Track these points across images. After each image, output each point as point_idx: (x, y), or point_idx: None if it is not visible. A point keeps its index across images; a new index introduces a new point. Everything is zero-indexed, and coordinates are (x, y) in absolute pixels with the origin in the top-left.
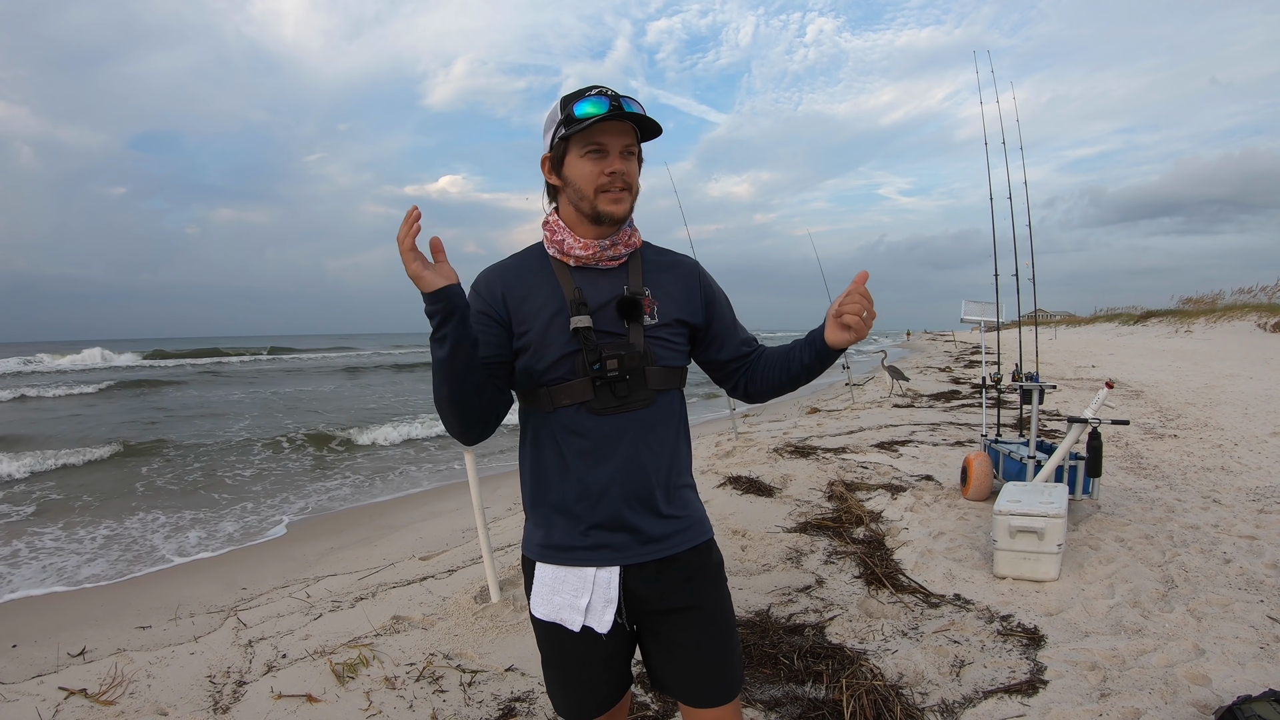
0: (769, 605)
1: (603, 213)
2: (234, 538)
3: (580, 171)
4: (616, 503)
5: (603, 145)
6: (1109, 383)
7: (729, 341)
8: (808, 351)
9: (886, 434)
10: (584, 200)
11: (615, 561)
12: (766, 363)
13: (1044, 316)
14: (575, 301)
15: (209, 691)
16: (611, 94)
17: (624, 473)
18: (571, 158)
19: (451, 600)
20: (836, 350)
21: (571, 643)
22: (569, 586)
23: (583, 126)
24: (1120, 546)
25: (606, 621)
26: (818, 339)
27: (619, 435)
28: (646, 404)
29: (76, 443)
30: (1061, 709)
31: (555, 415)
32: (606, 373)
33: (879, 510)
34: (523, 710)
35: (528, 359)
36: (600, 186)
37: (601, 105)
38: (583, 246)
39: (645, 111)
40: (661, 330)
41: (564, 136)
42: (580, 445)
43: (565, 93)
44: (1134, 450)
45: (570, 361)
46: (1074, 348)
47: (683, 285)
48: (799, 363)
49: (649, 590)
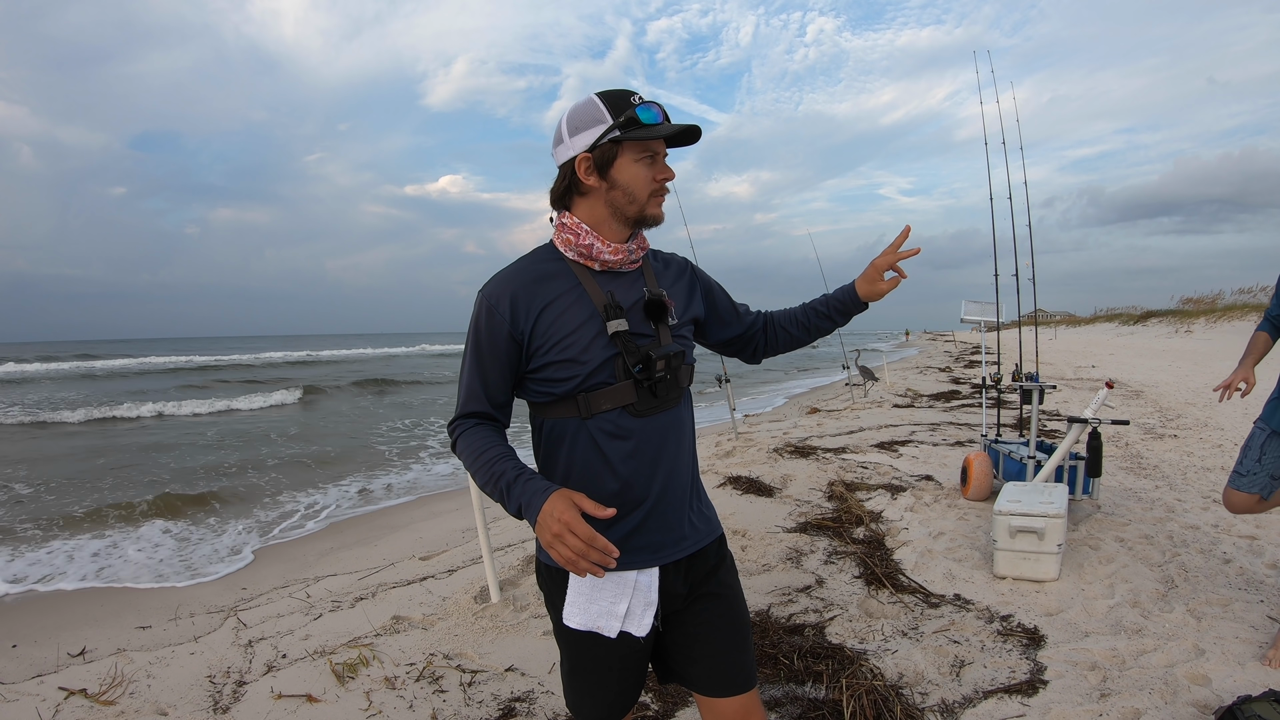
0: (769, 605)
1: (649, 215)
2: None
3: (634, 174)
4: (661, 502)
5: (656, 151)
6: (1109, 383)
7: (735, 319)
8: (839, 316)
9: (886, 434)
10: (633, 203)
11: (654, 562)
12: (785, 326)
13: (1044, 316)
14: (610, 305)
15: (209, 691)
16: (656, 104)
17: (666, 471)
18: (625, 160)
19: (451, 600)
20: (867, 303)
21: (604, 649)
22: (607, 593)
23: (649, 135)
24: (1120, 546)
25: (646, 625)
26: (850, 299)
27: (659, 435)
28: (677, 402)
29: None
30: (1061, 709)
31: (594, 420)
32: (654, 374)
33: (879, 510)
34: (523, 710)
35: (562, 369)
36: (654, 191)
37: (655, 115)
38: (612, 250)
39: (699, 128)
40: (682, 329)
41: (618, 139)
42: (625, 448)
43: (566, 96)
44: (1134, 450)
45: (610, 366)
46: (1074, 348)
47: (684, 283)
48: (828, 326)
49: (681, 586)
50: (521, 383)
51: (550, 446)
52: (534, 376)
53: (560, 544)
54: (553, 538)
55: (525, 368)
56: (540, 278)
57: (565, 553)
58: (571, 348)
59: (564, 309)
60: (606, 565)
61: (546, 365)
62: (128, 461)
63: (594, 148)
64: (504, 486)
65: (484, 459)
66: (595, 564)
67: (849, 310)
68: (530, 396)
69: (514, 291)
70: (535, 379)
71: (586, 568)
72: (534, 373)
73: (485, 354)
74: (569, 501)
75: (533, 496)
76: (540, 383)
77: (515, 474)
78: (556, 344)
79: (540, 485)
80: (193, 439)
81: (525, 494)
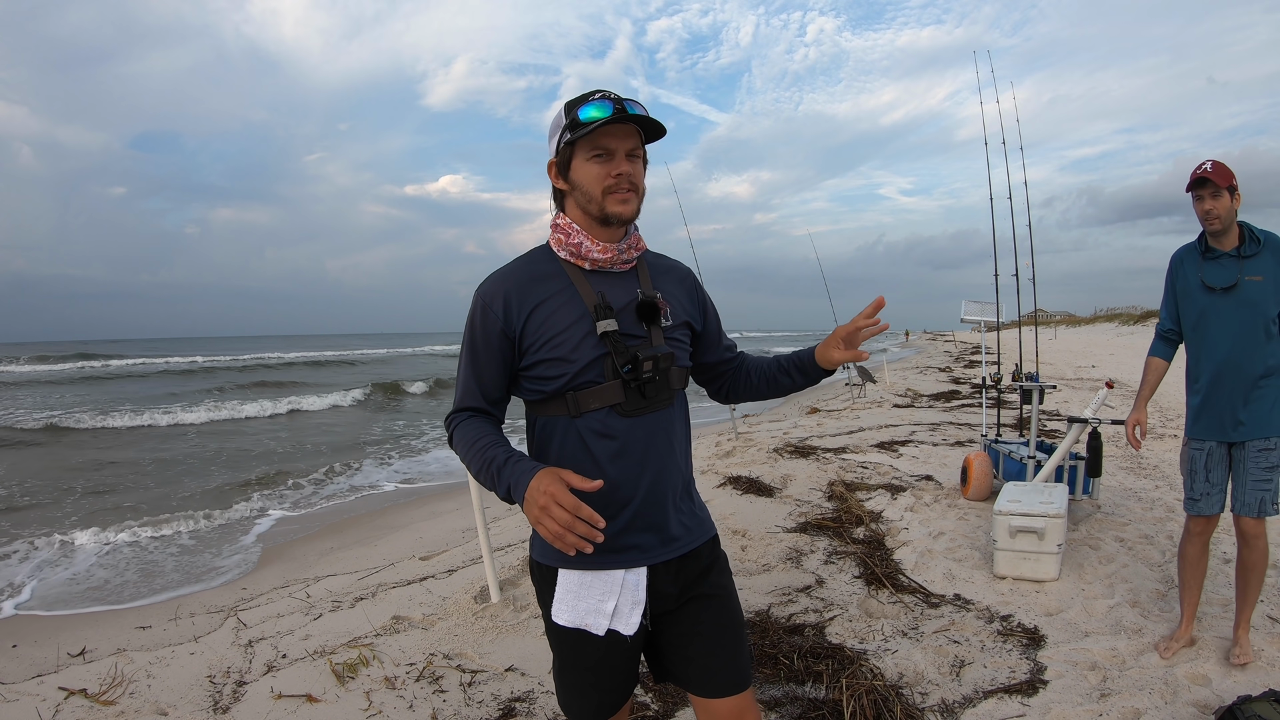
0: (769, 605)
1: (610, 214)
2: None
3: (587, 174)
4: (648, 503)
5: (608, 149)
6: (1109, 383)
7: (715, 346)
8: (798, 375)
9: (886, 434)
10: (592, 202)
11: (643, 562)
12: (750, 373)
13: (1044, 316)
14: (600, 306)
15: (209, 691)
16: (615, 97)
17: (653, 472)
18: (578, 161)
19: (451, 600)
20: (829, 370)
21: (593, 647)
22: (595, 591)
23: (587, 131)
24: (1120, 546)
25: (634, 623)
26: (808, 361)
27: (647, 436)
28: (668, 404)
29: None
30: (1061, 709)
31: (582, 419)
32: (641, 375)
33: (879, 510)
34: (523, 710)
35: (552, 367)
36: (607, 188)
37: (605, 109)
38: (601, 250)
39: (648, 113)
40: (675, 332)
41: (569, 141)
42: (611, 447)
43: (566, 96)
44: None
45: (599, 365)
46: (1074, 348)
47: (684, 289)
48: (787, 383)
49: (671, 587)
50: (516, 380)
51: (541, 444)
52: (526, 374)
53: (546, 516)
54: (539, 511)
55: (518, 365)
56: (534, 277)
57: (552, 525)
58: (561, 346)
59: (555, 308)
60: (593, 538)
61: (537, 363)
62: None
63: (557, 152)
64: (494, 470)
65: (476, 447)
66: (582, 537)
67: (808, 371)
68: (524, 394)
69: (508, 290)
70: (527, 376)
71: (574, 541)
72: (526, 370)
73: (480, 351)
74: (555, 476)
75: (520, 475)
76: (532, 380)
77: (505, 457)
78: (547, 342)
79: (528, 465)
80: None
81: (514, 474)
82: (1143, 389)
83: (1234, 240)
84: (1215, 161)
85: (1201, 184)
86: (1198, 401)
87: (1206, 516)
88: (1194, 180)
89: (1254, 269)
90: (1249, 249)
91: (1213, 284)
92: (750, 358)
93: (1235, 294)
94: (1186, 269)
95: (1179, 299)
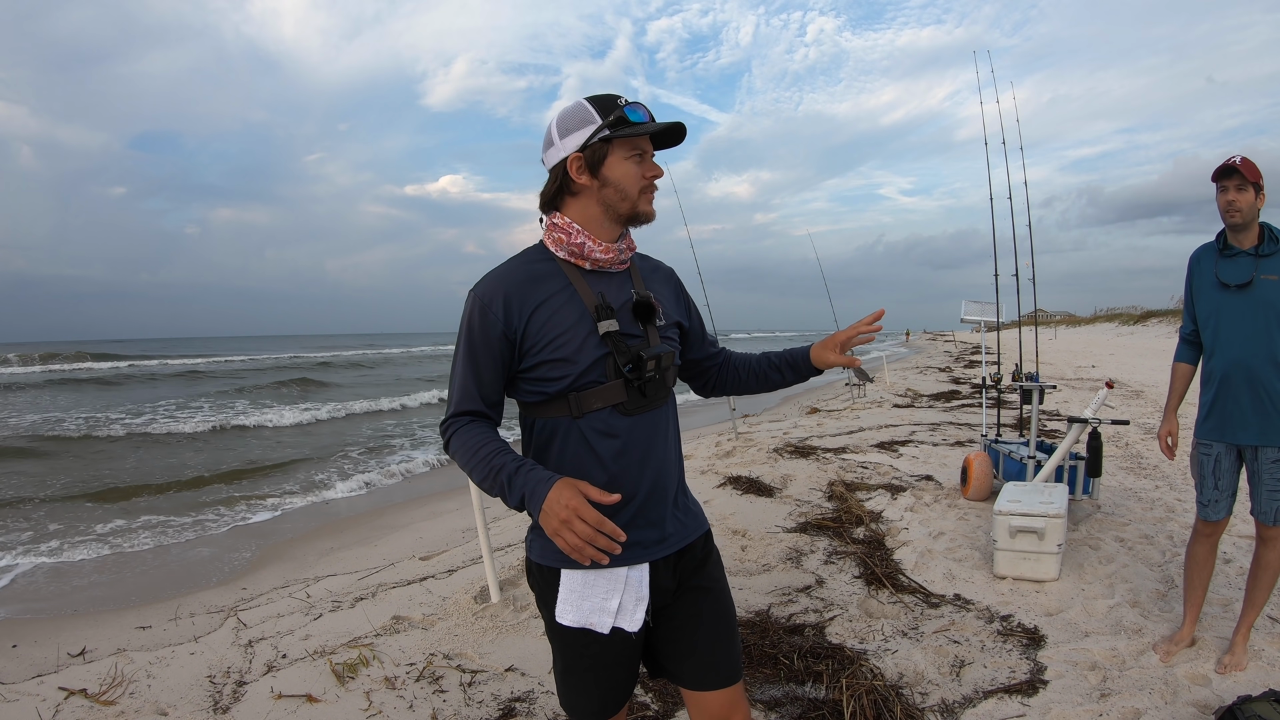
0: (769, 605)
1: (641, 212)
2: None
3: (625, 172)
4: (649, 500)
5: (644, 150)
6: (1109, 383)
7: (700, 343)
8: (789, 372)
9: (886, 434)
10: (625, 200)
11: (645, 558)
12: (737, 369)
13: (1044, 316)
14: (601, 306)
15: (209, 691)
16: (641, 105)
17: (654, 469)
18: (615, 159)
19: (451, 600)
20: (820, 371)
21: (598, 646)
22: (599, 590)
23: (636, 131)
24: (1120, 546)
25: (638, 620)
26: (802, 360)
27: (647, 434)
28: (664, 402)
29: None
30: (1061, 709)
31: (584, 420)
32: (645, 374)
33: (879, 510)
34: (523, 710)
35: (555, 368)
36: (644, 187)
37: (642, 115)
38: (603, 250)
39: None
40: (669, 330)
41: (607, 138)
42: (614, 446)
43: (566, 96)
44: (1134, 450)
45: (601, 366)
46: (1074, 348)
47: (670, 289)
48: (777, 379)
49: (669, 581)
50: (513, 382)
51: (541, 445)
52: (526, 376)
53: (567, 530)
54: (560, 524)
55: (517, 367)
56: (532, 278)
57: (572, 539)
58: (564, 347)
59: (556, 309)
60: (613, 551)
61: (539, 365)
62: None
63: (585, 147)
64: (504, 479)
65: (481, 454)
66: (601, 550)
67: (800, 369)
68: (522, 396)
69: (507, 291)
70: (527, 378)
71: (592, 554)
72: (526, 372)
73: (479, 353)
74: (575, 489)
75: (536, 485)
76: (532, 382)
77: (515, 466)
78: (549, 343)
79: (543, 475)
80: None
81: (528, 484)
82: (1171, 397)
83: (1254, 239)
84: (1245, 157)
85: (1228, 174)
86: (1209, 399)
87: (1215, 521)
88: (1222, 169)
89: (1270, 268)
90: (1267, 248)
91: (1228, 281)
92: (735, 354)
93: (1250, 292)
94: (1204, 265)
95: (1195, 295)
